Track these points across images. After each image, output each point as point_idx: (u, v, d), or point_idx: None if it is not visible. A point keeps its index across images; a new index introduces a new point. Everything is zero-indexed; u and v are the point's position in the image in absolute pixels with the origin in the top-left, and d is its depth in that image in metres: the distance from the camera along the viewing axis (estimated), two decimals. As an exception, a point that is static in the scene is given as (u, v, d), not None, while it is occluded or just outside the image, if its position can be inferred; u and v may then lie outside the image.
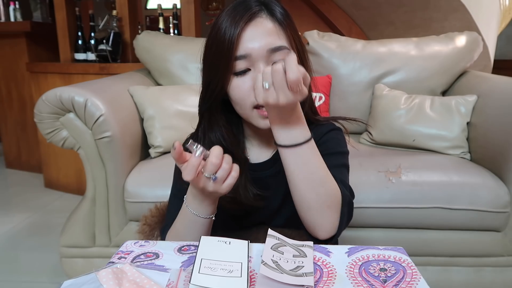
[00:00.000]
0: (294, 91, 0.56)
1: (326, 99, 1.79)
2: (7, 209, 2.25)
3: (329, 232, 0.68)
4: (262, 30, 0.67)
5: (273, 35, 0.68)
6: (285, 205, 0.80)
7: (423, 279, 0.54)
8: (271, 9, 0.69)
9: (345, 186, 0.72)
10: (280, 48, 0.68)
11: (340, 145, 0.79)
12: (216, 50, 0.69)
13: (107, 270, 0.53)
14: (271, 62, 0.68)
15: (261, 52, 0.67)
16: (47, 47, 2.77)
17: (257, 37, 0.67)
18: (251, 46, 0.66)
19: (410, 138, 1.56)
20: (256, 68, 0.68)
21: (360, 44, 1.86)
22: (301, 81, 0.55)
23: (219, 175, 0.60)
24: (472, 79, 1.74)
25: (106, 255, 1.43)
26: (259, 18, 0.68)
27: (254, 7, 0.68)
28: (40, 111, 1.31)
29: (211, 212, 0.68)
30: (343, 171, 0.76)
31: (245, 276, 0.52)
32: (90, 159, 1.36)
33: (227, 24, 0.67)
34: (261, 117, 0.70)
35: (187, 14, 2.39)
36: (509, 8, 2.82)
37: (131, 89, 1.58)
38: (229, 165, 0.61)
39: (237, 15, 0.67)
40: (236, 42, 0.66)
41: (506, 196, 1.30)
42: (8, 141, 2.92)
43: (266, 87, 0.57)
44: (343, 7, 3.01)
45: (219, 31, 0.68)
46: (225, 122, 0.76)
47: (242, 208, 0.76)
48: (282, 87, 0.56)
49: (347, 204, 0.70)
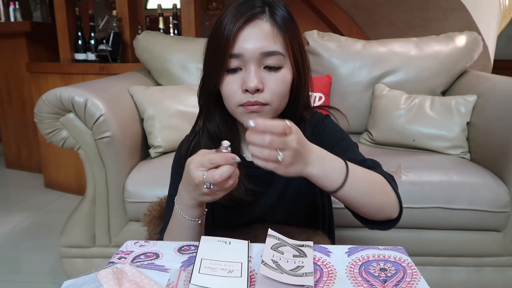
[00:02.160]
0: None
1: (326, 99, 1.79)
2: (7, 209, 2.25)
3: (397, 207, 0.68)
4: (259, 32, 0.67)
5: (268, 39, 0.67)
6: (283, 201, 0.80)
7: (423, 279, 0.54)
8: (273, 12, 0.69)
9: (368, 161, 0.72)
10: (274, 53, 0.68)
11: (339, 131, 0.80)
12: (214, 45, 0.69)
13: (107, 270, 0.53)
14: (263, 66, 0.68)
15: (253, 54, 0.67)
16: (47, 47, 2.77)
17: (252, 38, 0.67)
18: (245, 47, 0.67)
19: (410, 138, 1.56)
20: (247, 68, 0.68)
21: (360, 44, 1.86)
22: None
23: (215, 188, 0.59)
24: (472, 79, 1.74)
25: (106, 255, 1.43)
26: (258, 19, 0.68)
27: (256, 8, 0.68)
28: (40, 111, 1.31)
29: (197, 215, 0.67)
30: (357, 151, 0.76)
31: (245, 276, 0.52)
32: (90, 159, 1.36)
33: (228, 20, 0.67)
34: (246, 113, 0.70)
35: (187, 14, 2.39)
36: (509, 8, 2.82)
37: (131, 89, 1.58)
38: (233, 180, 0.60)
39: (239, 12, 0.67)
40: (233, 40, 0.66)
41: (506, 196, 1.30)
42: (8, 141, 2.92)
43: (280, 159, 0.54)
44: (343, 7, 3.01)
45: (220, 26, 0.68)
46: (221, 114, 0.77)
47: (231, 200, 0.76)
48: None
49: (390, 178, 0.70)
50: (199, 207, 0.67)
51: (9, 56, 2.73)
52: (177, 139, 0.90)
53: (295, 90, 0.75)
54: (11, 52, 2.71)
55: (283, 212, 0.80)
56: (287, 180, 0.79)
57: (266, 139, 0.52)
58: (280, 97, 0.71)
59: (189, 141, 0.80)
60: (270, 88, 0.69)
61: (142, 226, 0.90)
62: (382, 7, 2.79)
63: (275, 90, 0.69)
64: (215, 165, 0.58)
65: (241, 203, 0.78)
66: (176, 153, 0.84)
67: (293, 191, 0.80)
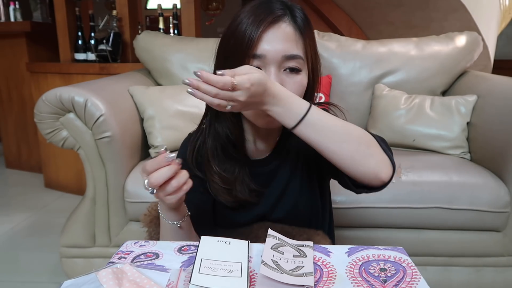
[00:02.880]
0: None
1: (326, 99, 1.79)
2: (7, 209, 2.25)
3: (388, 168, 0.66)
4: (282, 35, 0.67)
5: (291, 42, 0.68)
6: (284, 198, 0.80)
7: (423, 279, 0.54)
8: (294, 15, 0.69)
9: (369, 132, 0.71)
10: (295, 56, 0.68)
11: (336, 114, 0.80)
12: (234, 45, 0.69)
13: (107, 270, 0.53)
14: (283, 68, 0.68)
15: (276, 56, 0.67)
16: (47, 47, 2.77)
17: (276, 40, 0.67)
18: (268, 48, 0.67)
19: (410, 138, 1.56)
20: (267, 70, 0.68)
21: (360, 44, 1.86)
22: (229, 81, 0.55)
23: (160, 191, 0.62)
24: (472, 79, 1.74)
25: (106, 255, 1.43)
26: (282, 22, 0.68)
27: (278, 10, 0.68)
28: (40, 111, 1.31)
29: (174, 218, 0.70)
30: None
31: (245, 276, 0.52)
32: (90, 159, 1.36)
33: (249, 21, 0.67)
34: (262, 115, 0.70)
35: (187, 14, 2.39)
36: (509, 8, 2.82)
37: (131, 89, 1.58)
38: (178, 183, 0.61)
39: (261, 14, 0.67)
40: (256, 40, 0.66)
41: (506, 196, 1.30)
42: (8, 141, 2.92)
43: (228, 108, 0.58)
44: (343, 7, 3.01)
45: (240, 26, 0.68)
46: (233, 115, 0.76)
47: (236, 201, 0.77)
48: (229, 95, 0.56)
49: (381, 140, 0.70)
50: (174, 211, 0.69)
51: (9, 56, 2.73)
52: (177, 139, 0.90)
53: (308, 94, 0.75)
54: (11, 52, 2.71)
55: (285, 208, 0.81)
56: (288, 178, 0.80)
57: (213, 91, 0.55)
58: None
59: (194, 141, 0.80)
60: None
61: (142, 227, 0.90)
62: (382, 7, 2.79)
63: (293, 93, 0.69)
64: (155, 169, 0.60)
65: (245, 204, 0.78)
66: (179, 152, 0.84)
67: (294, 188, 0.80)
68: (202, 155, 0.79)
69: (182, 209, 0.70)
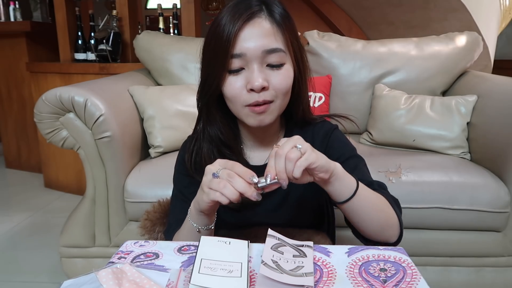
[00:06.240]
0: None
1: (326, 99, 1.79)
2: (7, 209, 2.25)
3: (397, 231, 0.71)
4: (259, 30, 0.67)
5: (269, 37, 0.68)
6: (283, 207, 0.80)
7: (423, 279, 0.54)
8: (271, 9, 0.69)
9: (375, 183, 0.74)
10: (276, 50, 0.68)
11: (348, 145, 0.81)
12: (214, 46, 0.69)
13: (107, 270, 0.53)
14: (265, 64, 0.68)
15: (256, 53, 0.67)
16: (47, 47, 2.77)
17: (254, 37, 0.67)
18: (247, 46, 0.67)
19: (410, 138, 1.56)
20: (250, 68, 0.68)
21: (360, 44, 1.86)
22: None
23: (221, 175, 0.59)
24: (472, 79, 1.74)
25: (106, 255, 1.43)
26: (257, 18, 0.68)
27: (254, 6, 0.68)
28: (40, 111, 1.31)
29: (201, 223, 0.68)
30: (364, 170, 0.78)
31: (245, 276, 0.52)
32: (90, 159, 1.36)
33: (226, 20, 0.67)
34: (252, 114, 0.70)
35: (187, 14, 2.39)
36: (509, 8, 2.82)
37: (131, 89, 1.58)
38: (240, 178, 0.58)
39: (236, 13, 0.67)
40: (233, 40, 0.66)
41: (506, 196, 1.30)
42: (8, 141, 2.92)
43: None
44: (343, 7, 3.01)
45: (219, 27, 0.68)
46: (222, 117, 0.77)
47: (238, 203, 0.76)
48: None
49: (394, 201, 0.72)
50: (207, 217, 0.67)
51: (9, 56, 2.73)
52: (177, 139, 0.89)
53: (296, 86, 0.75)
54: (11, 52, 2.71)
55: (286, 215, 0.80)
56: (290, 184, 0.80)
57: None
58: (284, 93, 0.71)
59: (190, 148, 0.80)
60: (274, 85, 0.69)
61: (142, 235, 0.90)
62: (382, 7, 2.78)
63: (280, 86, 0.70)
64: (241, 175, 0.59)
65: (248, 205, 0.77)
66: (179, 154, 0.84)
67: (296, 194, 0.80)
68: (200, 159, 0.79)
69: (212, 217, 0.69)
